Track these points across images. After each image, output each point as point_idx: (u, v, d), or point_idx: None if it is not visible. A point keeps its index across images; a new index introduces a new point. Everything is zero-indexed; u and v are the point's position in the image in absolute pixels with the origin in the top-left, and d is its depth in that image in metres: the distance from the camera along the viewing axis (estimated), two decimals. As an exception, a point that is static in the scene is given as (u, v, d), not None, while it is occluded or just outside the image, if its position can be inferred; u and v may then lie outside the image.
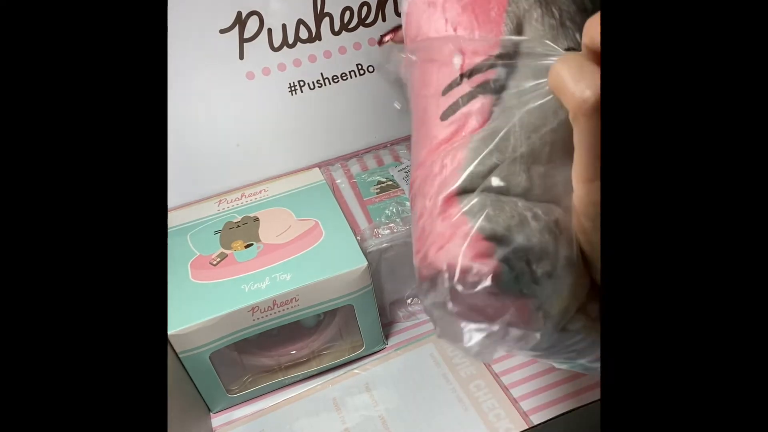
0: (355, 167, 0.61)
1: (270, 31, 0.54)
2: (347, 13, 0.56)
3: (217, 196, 0.59)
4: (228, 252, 0.50)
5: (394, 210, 0.53)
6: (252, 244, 0.51)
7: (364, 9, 0.56)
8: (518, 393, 0.47)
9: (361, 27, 0.57)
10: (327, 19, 0.55)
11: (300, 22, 0.55)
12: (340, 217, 0.52)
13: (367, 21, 0.56)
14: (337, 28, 0.56)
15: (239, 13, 0.53)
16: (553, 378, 0.48)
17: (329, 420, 0.48)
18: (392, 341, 0.53)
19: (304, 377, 0.51)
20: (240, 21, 0.53)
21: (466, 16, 0.28)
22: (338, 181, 0.59)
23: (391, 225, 0.51)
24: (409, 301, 0.55)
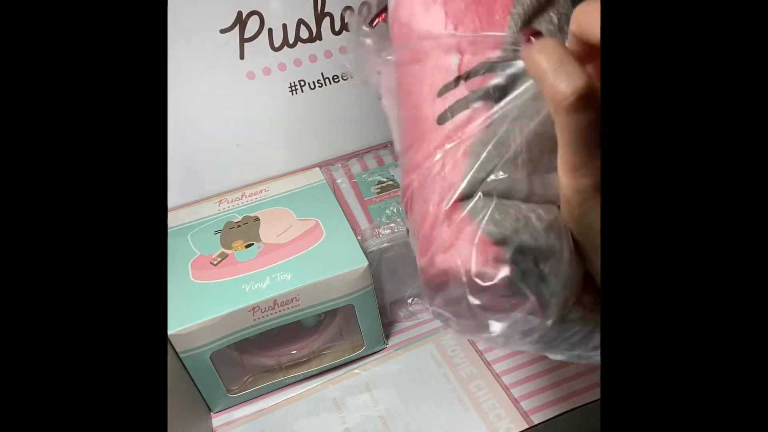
0: (356, 167, 0.61)
1: (270, 30, 0.54)
2: (348, 13, 0.56)
3: (218, 195, 0.59)
4: (228, 252, 0.50)
5: (395, 210, 0.53)
6: (252, 244, 0.51)
7: (365, 8, 0.55)
8: (518, 393, 0.47)
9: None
10: (327, 19, 0.55)
11: (300, 21, 0.55)
12: (340, 216, 0.52)
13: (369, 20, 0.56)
14: (337, 28, 0.56)
15: (240, 13, 0.53)
16: (553, 378, 0.48)
17: (329, 420, 0.48)
18: (393, 341, 0.53)
19: (305, 377, 0.51)
20: (240, 21, 0.53)
21: (469, 14, 0.27)
22: (339, 180, 0.59)
23: (392, 225, 0.51)
24: (410, 301, 0.55)
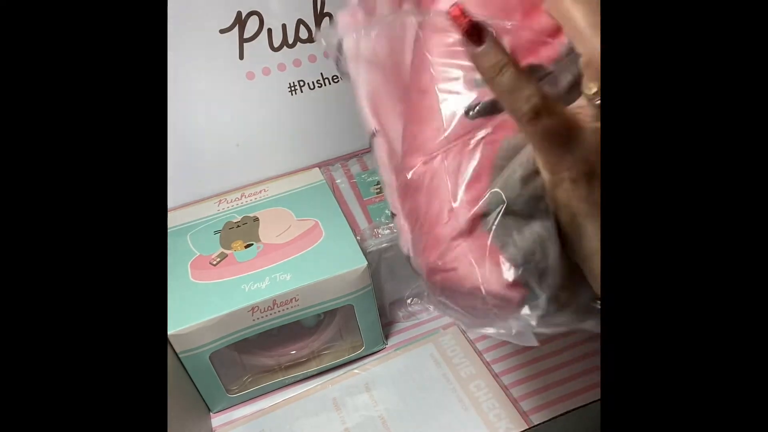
0: (355, 167, 0.61)
1: (270, 31, 0.54)
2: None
3: (217, 196, 0.59)
4: (228, 252, 0.50)
5: (394, 210, 0.53)
6: (252, 244, 0.51)
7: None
8: (518, 393, 0.47)
9: (361, 27, 0.57)
10: (327, 19, 0.55)
11: (300, 22, 0.55)
12: (340, 217, 0.52)
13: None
14: (337, 28, 0.56)
15: (239, 13, 0.53)
16: (553, 378, 0.48)
17: (329, 420, 0.48)
18: (392, 341, 0.53)
19: (304, 377, 0.51)
20: (240, 21, 0.53)
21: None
22: (338, 180, 0.59)
23: (391, 225, 0.51)
24: (409, 301, 0.55)
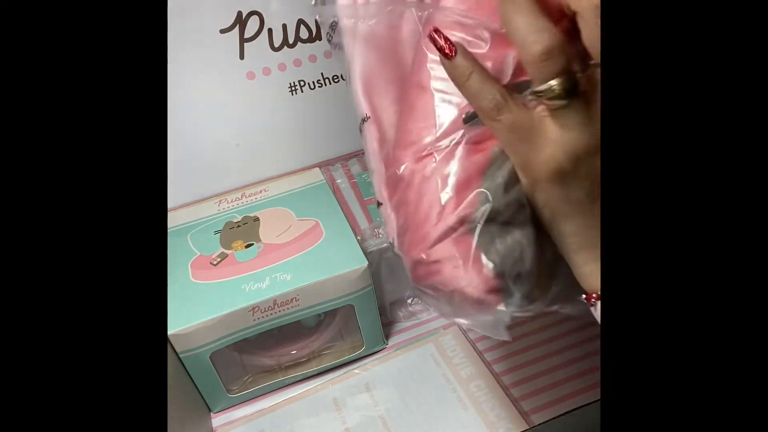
0: (356, 167, 0.61)
1: (270, 31, 0.54)
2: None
3: (217, 196, 0.59)
4: (228, 252, 0.50)
5: (395, 210, 0.53)
6: (252, 244, 0.51)
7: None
8: (519, 393, 0.47)
9: (361, 27, 0.57)
10: None
11: (300, 22, 0.55)
12: (340, 216, 0.52)
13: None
14: (337, 28, 0.56)
15: (239, 13, 0.53)
16: (553, 378, 0.48)
17: (329, 420, 0.48)
18: (392, 341, 0.53)
19: (304, 377, 0.51)
20: (240, 21, 0.53)
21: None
22: (338, 180, 0.59)
23: (392, 225, 0.51)
24: (410, 301, 0.55)
